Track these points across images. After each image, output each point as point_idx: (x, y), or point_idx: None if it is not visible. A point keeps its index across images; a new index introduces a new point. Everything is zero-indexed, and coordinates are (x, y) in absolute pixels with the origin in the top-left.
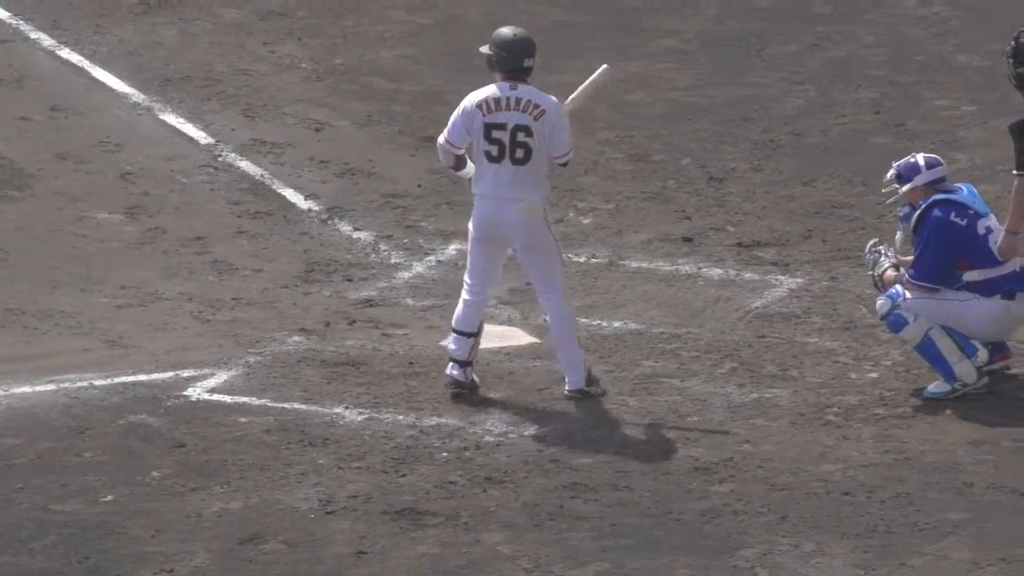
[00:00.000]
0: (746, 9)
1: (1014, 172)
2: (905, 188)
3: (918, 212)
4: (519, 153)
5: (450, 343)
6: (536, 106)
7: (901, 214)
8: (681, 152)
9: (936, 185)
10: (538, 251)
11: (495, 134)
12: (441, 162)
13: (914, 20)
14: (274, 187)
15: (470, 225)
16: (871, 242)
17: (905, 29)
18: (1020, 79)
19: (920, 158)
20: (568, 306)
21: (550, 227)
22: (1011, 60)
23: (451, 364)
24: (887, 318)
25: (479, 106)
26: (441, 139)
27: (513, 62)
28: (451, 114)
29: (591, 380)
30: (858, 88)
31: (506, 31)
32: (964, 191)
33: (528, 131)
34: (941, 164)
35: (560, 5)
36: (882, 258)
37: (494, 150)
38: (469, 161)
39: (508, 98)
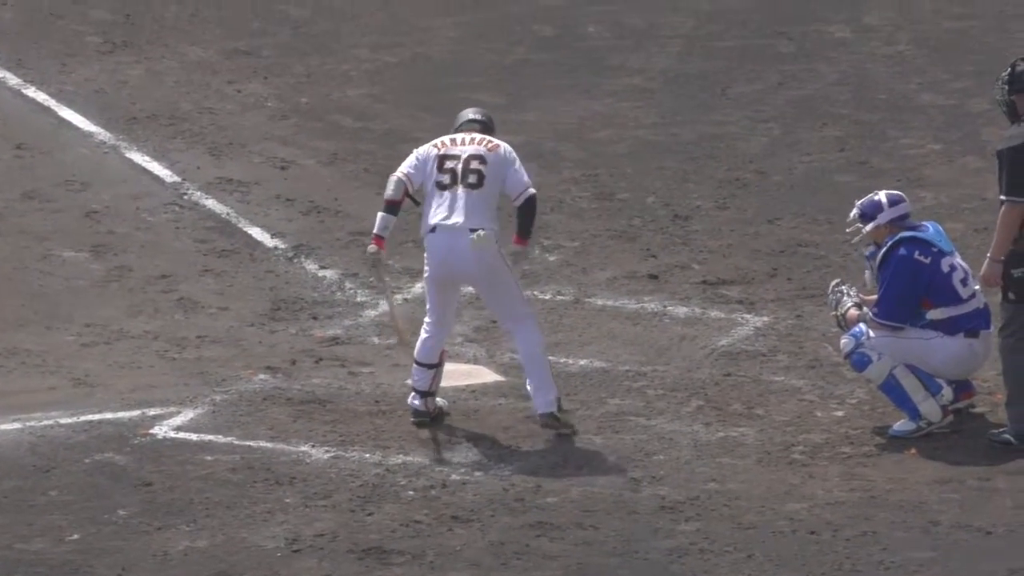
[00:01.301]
0: (710, 47)
1: (1001, 197)
2: (869, 227)
3: (883, 250)
4: (471, 178)
5: (413, 374)
6: (490, 140)
7: (867, 253)
8: (646, 190)
9: (900, 222)
10: (496, 286)
11: (448, 164)
12: (387, 193)
13: (879, 59)
14: (240, 225)
15: (424, 267)
16: (834, 282)
17: (870, 67)
18: (1010, 106)
19: (883, 196)
20: (538, 331)
21: (505, 259)
22: (1006, 86)
23: (413, 394)
24: (851, 357)
25: (434, 145)
26: (399, 172)
27: (458, 120)
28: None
29: (561, 410)
30: (823, 126)
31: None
32: (930, 229)
33: (482, 159)
34: (904, 201)
35: (524, 44)
36: (844, 297)
37: (446, 178)
38: (396, 214)
39: (463, 138)
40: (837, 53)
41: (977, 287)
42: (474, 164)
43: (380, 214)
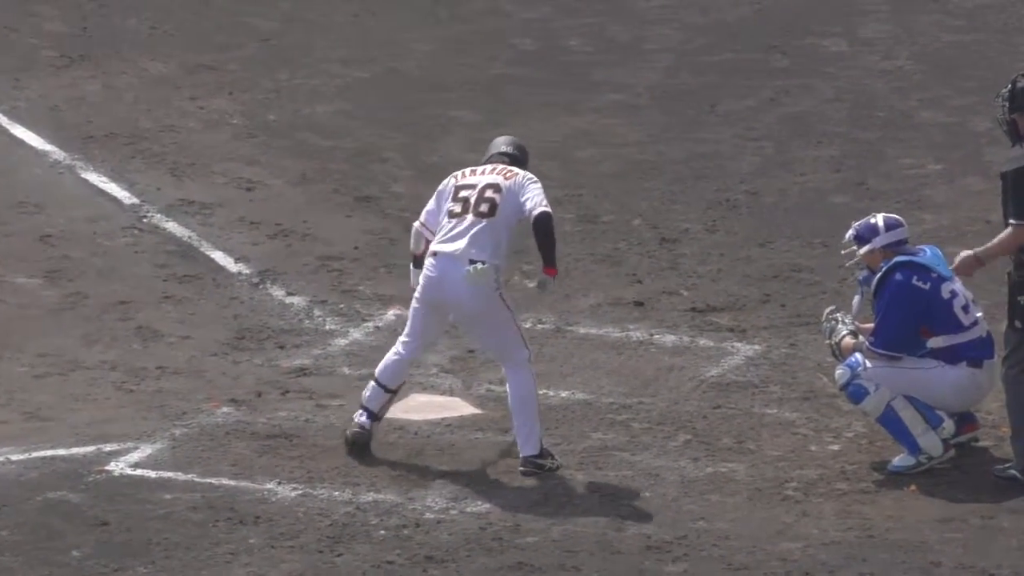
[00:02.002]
0: (699, 62)
1: (1010, 221)
2: (863, 250)
3: (878, 276)
4: (483, 207)
5: (366, 390)
6: (509, 168)
7: (860, 277)
8: (632, 212)
9: (896, 247)
10: (485, 324)
11: (463, 193)
12: (411, 246)
13: (876, 74)
14: (202, 249)
15: (417, 288)
16: (828, 309)
17: (867, 83)
18: (1011, 126)
19: (879, 219)
20: (531, 374)
21: (503, 296)
22: (1006, 104)
23: (360, 411)
24: (846, 388)
25: (454, 175)
26: (417, 223)
27: (492, 149)
28: (391, 172)
29: (544, 453)
30: (818, 145)
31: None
32: (927, 253)
33: (496, 188)
34: (902, 226)
35: (502, 58)
36: (839, 325)
37: (458, 207)
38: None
39: (485, 168)
40: (833, 68)
41: (980, 314)
42: (488, 193)
43: (411, 268)
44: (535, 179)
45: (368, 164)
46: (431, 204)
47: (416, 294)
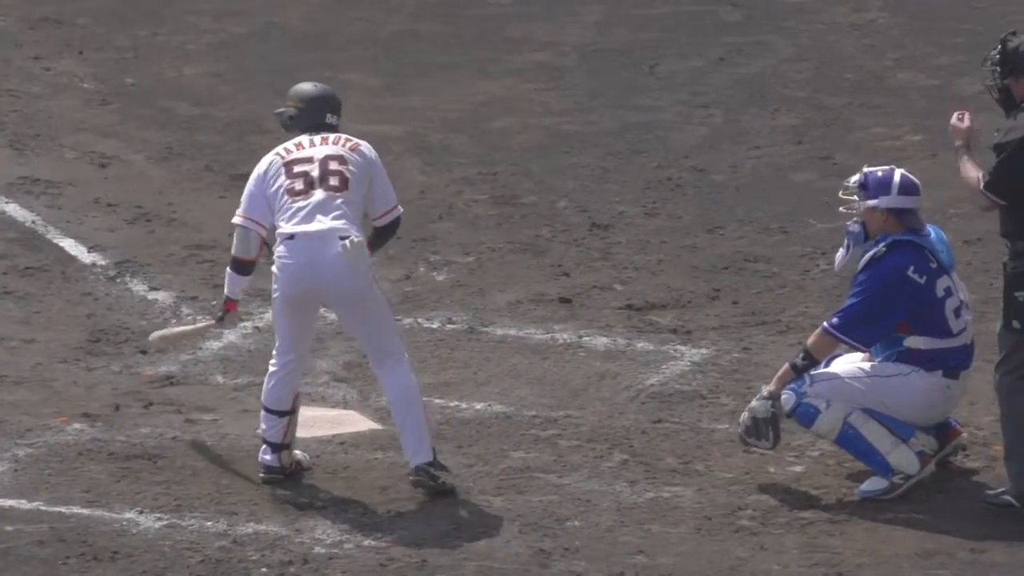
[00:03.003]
0: (636, 16)
1: (983, 191)
2: (866, 204)
3: (873, 251)
4: (333, 180)
5: (262, 422)
6: (348, 139)
7: (851, 229)
8: (557, 193)
9: (904, 217)
10: (365, 308)
11: (299, 168)
12: (235, 248)
13: (845, 29)
14: (49, 237)
15: (273, 286)
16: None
17: (834, 40)
18: (1004, 93)
19: (897, 176)
20: (412, 372)
21: (374, 275)
22: (997, 69)
23: (264, 447)
24: (794, 412)
25: (277, 153)
26: (238, 218)
27: (314, 116)
28: (272, 146)
29: (437, 464)
30: (775, 113)
31: (306, 85)
32: (931, 235)
33: (342, 160)
34: (917, 193)
35: (403, 12)
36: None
37: (299, 183)
38: (249, 274)
39: (312, 139)
40: (793, 21)
41: (969, 318)
42: (333, 165)
43: (229, 272)
44: (379, 159)
45: (245, 136)
46: (251, 189)
47: (275, 295)
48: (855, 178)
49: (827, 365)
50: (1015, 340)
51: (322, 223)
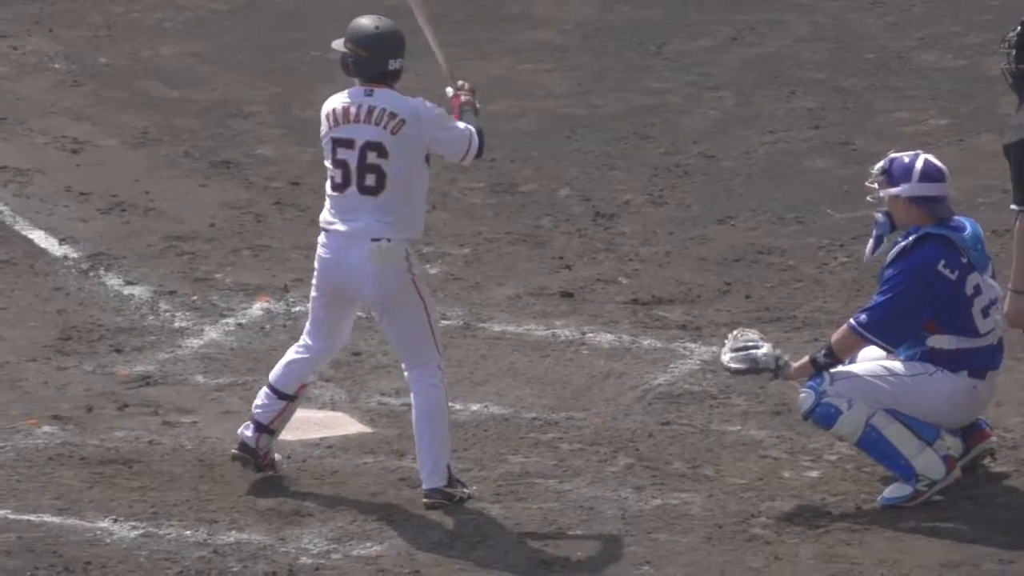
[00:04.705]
0: None
1: (1013, 207)
2: (888, 192)
3: (902, 244)
4: (369, 179)
5: (258, 398)
6: (393, 116)
7: (877, 218)
8: (558, 180)
9: (930, 206)
10: (395, 313)
11: (340, 153)
12: None
13: (865, 6)
14: (17, 228)
15: (314, 272)
16: (732, 335)
17: (853, 18)
18: (1019, 78)
19: (920, 162)
20: (442, 385)
21: (416, 278)
22: (1012, 52)
23: (248, 423)
24: (813, 413)
25: (326, 116)
26: None
27: (375, 64)
28: (256, 130)
29: (452, 481)
30: (791, 96)
31: (366, 22)
32: (967, 228)
33: (382, 150)
34: (942, 179)
35: None
36: (761, 351)
37: (339, 175)
38: None
39: (359, 107)
40: None
41: (999, 317)
42: (372, 157)
43: None
44: (434, 114)
45: (227, 120)
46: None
47: (313, 280)
48: (879, 165)
49: (848, 362)
50: None
51: (354, 223)
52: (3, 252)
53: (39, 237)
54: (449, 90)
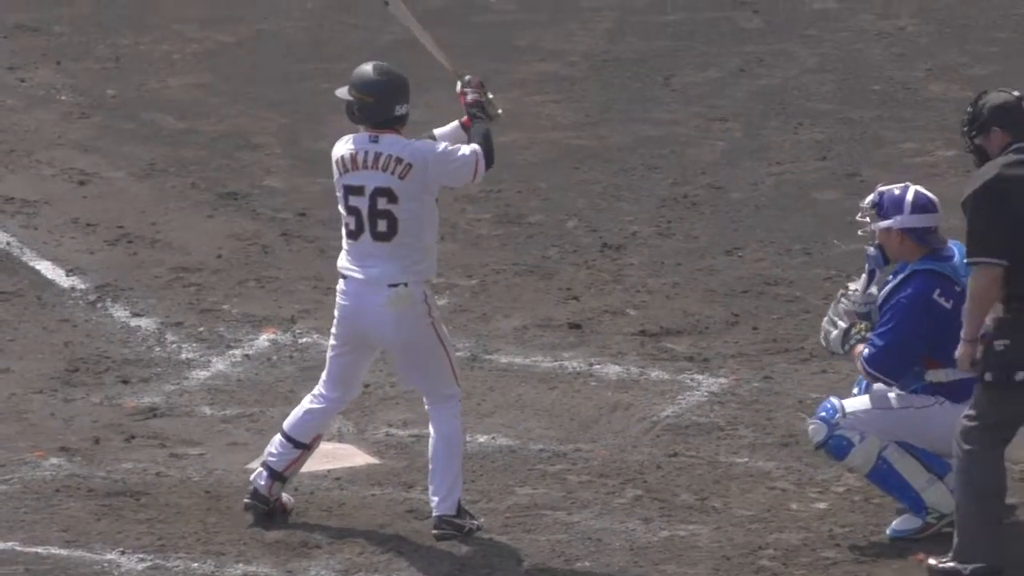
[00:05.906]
0: (650, 24)
1: (965, 261)
2: (880, 225)
3: (895, 281)
4: (381, 225)
5: (271, 446)
6: (399, 161)
7: (869, 252)
8: (565, 211)
9: (920, 237)
10: (415, 355)
11: (352, 200)
12: None
13: (872, 37)
14: (24, 259)
15: (334, 319)
16: (842, 291)
17: (860, 49)
18: (979, 152)
19: (910, 194)
20: (459, 421)
21: (432, 314)
22: (966, 128)
23: (261, 471)
24: (825, 445)
25: (336, 163)
26: None
27: (382, 110)
28: (263, 162)
29: (461, 512)
30: (798, 127)
31: (371, 69)
32: (955, 254)
33: (391, 195)
34: (933, 211)
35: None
36: (843, 318)
37: (352, 222)
38: None
39: (366, 154)
40: (817, 30)
41: None
42: (382, 203)
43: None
44: (435, 153)
45: (234, 152)
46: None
47: (333, 330)
48: (869, 199)
49: (860, 394)
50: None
51: (371, 269)
52: (10, 283)
53: (46, 268)
54: (459, 86)
